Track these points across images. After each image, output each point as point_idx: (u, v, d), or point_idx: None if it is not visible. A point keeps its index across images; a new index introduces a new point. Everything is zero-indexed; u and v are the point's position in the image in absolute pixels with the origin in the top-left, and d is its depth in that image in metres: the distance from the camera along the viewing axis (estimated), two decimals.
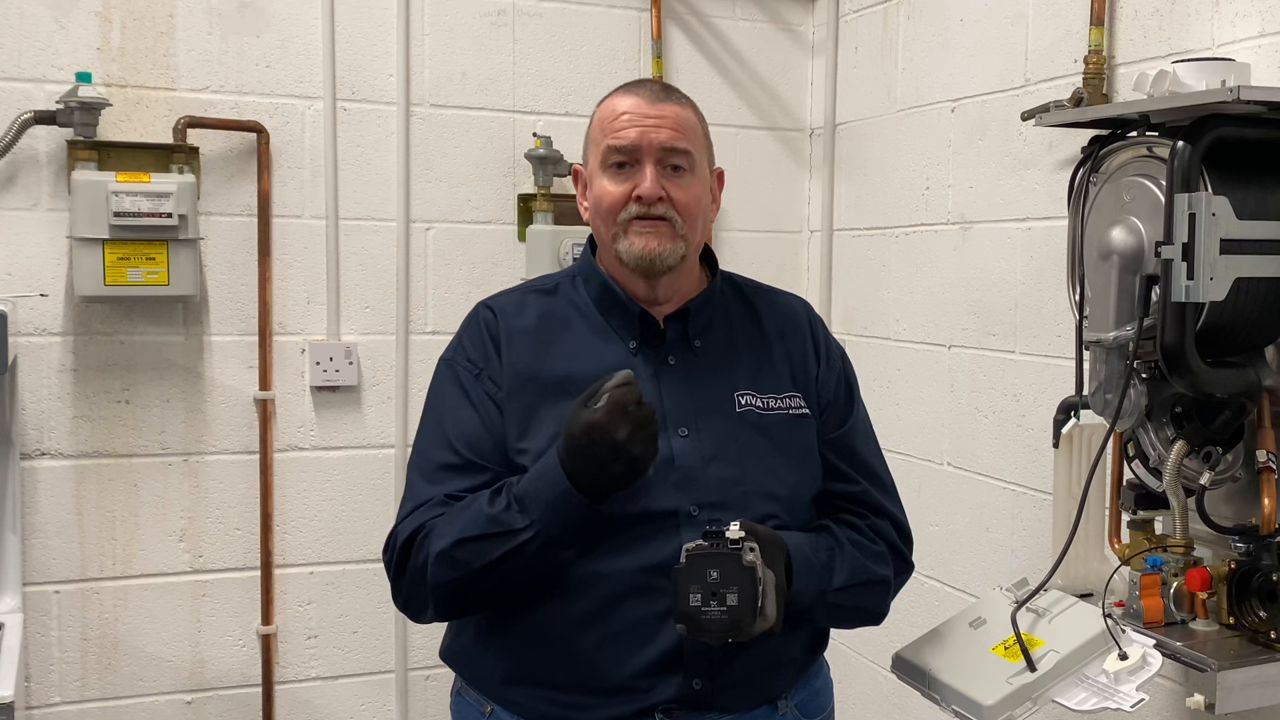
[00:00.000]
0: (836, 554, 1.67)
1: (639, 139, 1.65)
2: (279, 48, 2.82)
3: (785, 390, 1.73)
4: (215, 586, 2.84)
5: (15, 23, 2.61)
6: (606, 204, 1.67)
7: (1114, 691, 1.64)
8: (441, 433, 1.67)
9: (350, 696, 2.97)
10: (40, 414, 2.68)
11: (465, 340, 1.74)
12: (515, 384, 1.66)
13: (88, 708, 2.75)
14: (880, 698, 3.00)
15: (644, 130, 1.65)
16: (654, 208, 1.64)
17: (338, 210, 2.89)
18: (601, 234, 1.71)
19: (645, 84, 1.73)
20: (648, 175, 1.64)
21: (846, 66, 3.19)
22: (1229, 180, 1.74)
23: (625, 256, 1.66)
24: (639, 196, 1.64)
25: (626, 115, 1.66)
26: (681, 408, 1.65)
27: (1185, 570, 1.84)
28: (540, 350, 1.68)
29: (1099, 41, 2.25)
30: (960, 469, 2.75)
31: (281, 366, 2.86)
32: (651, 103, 1.67)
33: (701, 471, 1.62)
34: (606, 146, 1.67)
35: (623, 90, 1.71)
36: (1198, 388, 1.77)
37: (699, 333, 1.72)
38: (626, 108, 1.67)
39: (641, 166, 1.65)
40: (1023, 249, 2.54)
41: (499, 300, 1.77)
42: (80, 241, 2.57)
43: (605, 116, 1.69)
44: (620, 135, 1.65)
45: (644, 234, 1.65)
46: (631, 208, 1.65)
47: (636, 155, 1.65)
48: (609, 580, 1.57)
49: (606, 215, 1.68)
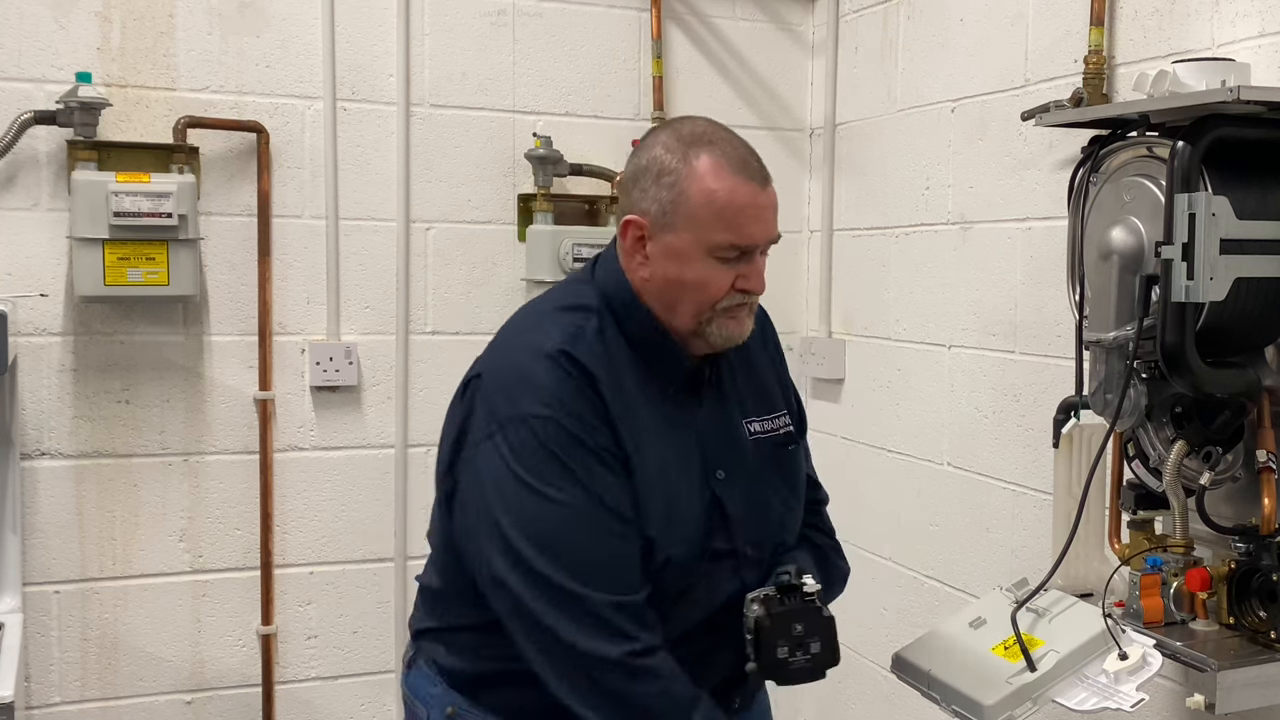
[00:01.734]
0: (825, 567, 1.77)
1: (762, 237, 1.60)
2: (279, 48, 2.82)
3: (776, 409, 1.75)
4: (215, 586, 2.84)
5: (15, 23, 2.61)
6: (709, 294, 1.59)
7: (1114, 691, 1.65)
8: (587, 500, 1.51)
9: (350, 696, 2.97)
10: (40, 414, 2.68)
11: (564, 396, 1.53)
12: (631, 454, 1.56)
13: (88, 708, 2.75)
14: (880, 698, 3.00)
15: (764, 228, 1.60)
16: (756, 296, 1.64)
17: (338, 210, 2.89)
18: (681, 313, 1.60)
19: (747, 158, 1.61)
20: (758, 269, 1.61)
21: (846, 66, 3.19)
22: (1229, 180, 1.74)
23: (717, 340, 1.62)
24: (745, 290, 1.60)
25: (750, 211, 1.58)
26: (715, 448, 1.66)
27: (1185, 570, 1.84)
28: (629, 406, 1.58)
29: (1099, 41, 2.25)
30: (960, 469, 2.75)
31: (281, 366, 2.86)
32: (763, 188, 1.60)
33: (745, 511, 1.66)
34: (726, 242, 1.57)
35: (727, 168, 1.58)
36: (1198, 388, 1.77)
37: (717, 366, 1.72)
38: (748, 198, 1.58)
39: (751, 258, 1.60)
40: (1023, 249, 2.54)
41: (581, 350, 1.57)
42: (80, 241, 2.57)
43: (724, 204, 1.57)
44: (745, 234, 1.58)
45: (736, 319, 1.62)
46: (735, 296, 1.60)
47: (750, 250, 1.60)
48: (679, 620, 1.60)
49: (703, 303, 1.59)
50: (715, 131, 1.63)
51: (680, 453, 1.62)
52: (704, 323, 1.61)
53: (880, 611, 2.90)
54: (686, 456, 1.63)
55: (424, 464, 2.98)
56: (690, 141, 1.59)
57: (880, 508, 2.97)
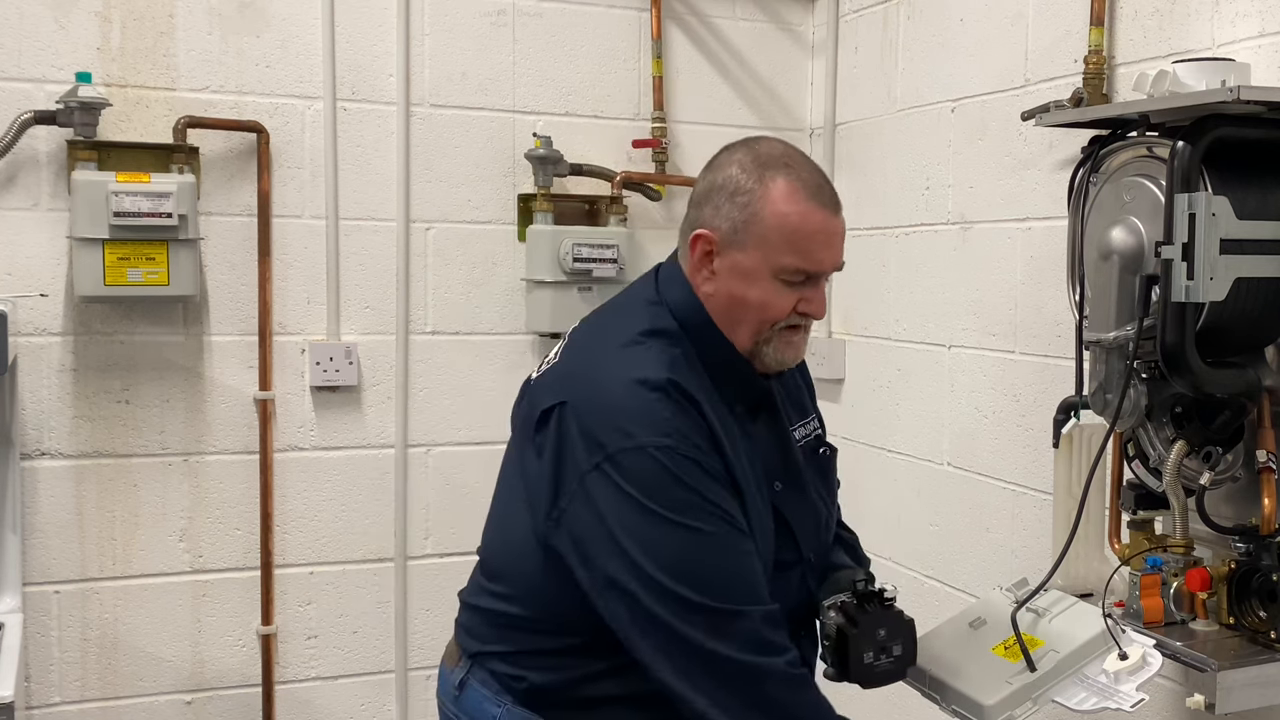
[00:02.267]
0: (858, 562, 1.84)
1: (830, 264, 1.62)
2: (279, 48, 2.82)
3: (808, 413, 1.80)
4: (215, 586, 2.84)
5: (15, 23, 2.61)
6: (770, 314, 1.61)
7: (1114, 691, 1.65)
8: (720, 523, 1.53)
9: (350, 696, 2.97)
10: (40, 414, 2.68)
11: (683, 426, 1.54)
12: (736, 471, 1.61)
13: (88, 708, 2.75)
14: (880, 698, 2.99)
15: (833, 254, 1.62)
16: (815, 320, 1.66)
17: (338, 210, 2.89)
18: (741, 330, 1.63)
19: (822, 185, 1.61)
20: (821, 294, 1.63)
21: (846, 66, 3.19)
22: (1229, 180, 1.74)
23: (770, 361, 1.65)
24: (807, 314, 1.63)
25: (821, 237, 1.60)
26: (771, 460, 1.69)
27: (1185, 570, 1.84)
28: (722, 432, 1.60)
29: (1099, 41, 2.25)
30: (960, 469, 2.75)
31: (281, 366, 2.86)
32: (835, 214, 1.61)
33: (804, 519, 1.69)
34: (794, 266, 1.59)
35: (802, 193, 1.58)
36: (1198, 388, 1.77)
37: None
38: (820, 224, 1.59)
39: (816, 283, 1.62)
40: (1023, 249, 2.54)
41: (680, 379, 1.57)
42: (80, 241, 2.57)
43: (794, 228, 1.58)
44: (814, 259, 1.59)
45: (792, 343, 1.65)
46: (793, 318, 1.63)
47: (816, 275, 1.62)
48: None
49: (763, 323, 1.62)
50: (792, 155, 1.63)
51: (751, 468, 1.65)
52: (761, 343, 1.63)
53: None
54: (754, 471, 1.65)
55: (424, 464, 2.98)
56: (767, 163, 1.61)
57: (880, 508, 2.96)
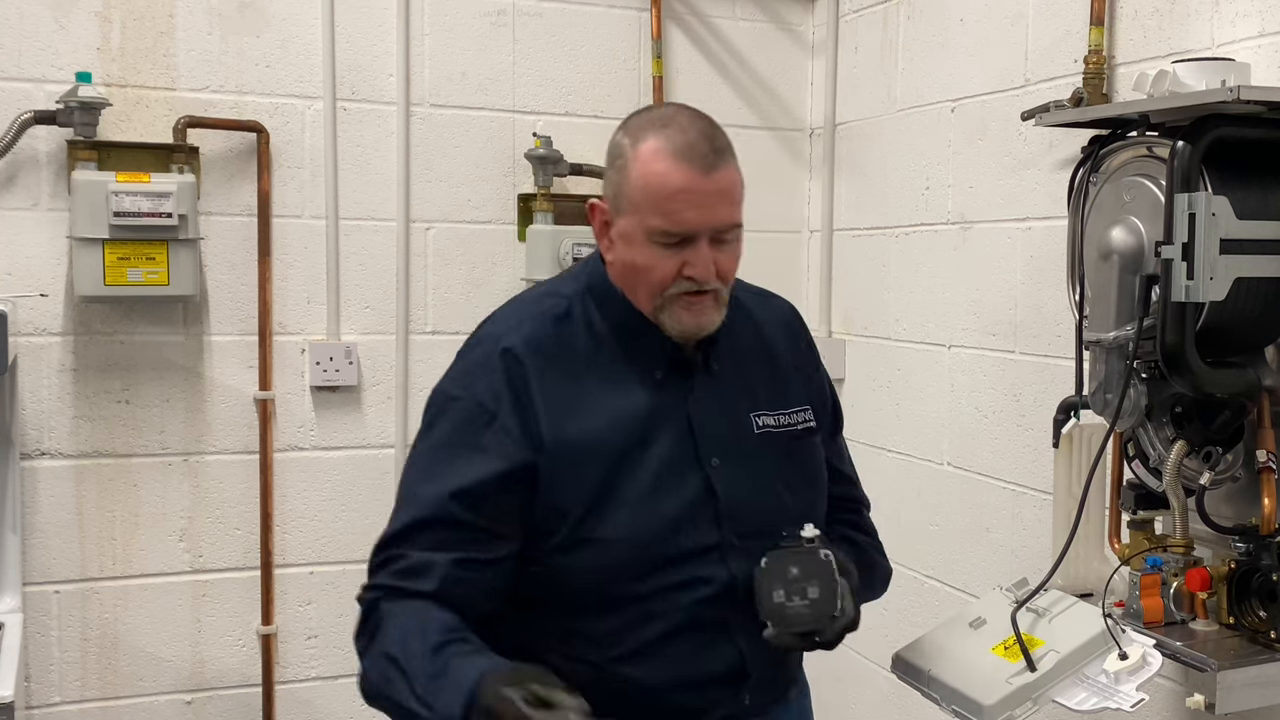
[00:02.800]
0: (861, 561, 1.72)
1: (698, 225, 1.52)
2: (279, 48, 2.82)
3: (794, 404, 1.70)
4: (215, 586, 2.84)
5: (15, 23, 2.61)
6: (655, 279, 1.55)
7: (1114, 691, 1.65)
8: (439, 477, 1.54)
9: (350, 696, 2.93)
10: (40, 414, 2.68)
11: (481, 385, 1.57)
12: (558, 447, 1.54)
13: (88, 708, 2.75)
14: (880, 698, 3.00)
15: (702, 214, 1.52)
16: (707, 284, 1.55)
17: (338, 210, 2.89)
18: (638, 297, 1.59)
19: (689, 139, 1.53)
20: (704, 256, 1.53)
21: (846, 66, 3.19)
22: (1229, 180, 1.74)
23: (670, 330, 1.58)
24: (691, 277, 1.54)
25: (683, 196, 1.51)
26: (711, 436, 1.62)
27: (1185, 570, 1.84)
28: (573, 398, 1.57)
29: (1099, 41, 2.25)
30: (960, 469, 2.75)
31: (281, 366, 2.86)
32: (706, 173, 1.51)
33: (739, 501, 1.60)
34: (658, 227, 1.52)
35: (669, 151, 1.52)
36: (1198, 388, 1.77)
37: (717, 353, 1.67)
38: (681, 183, 1.51)
39: (696, 245, 1.53)
40: (1023, 249, 2.54)
41: (518, 339, 1.59)
42: (80, 241, 2.57)
43: (655, 189, 1.52)
44: (677, 219, 1.51)
45: (691, 308, 1.56)
46: (682, 283, 1.55)
47: (692, 236, 1.53)
48: (661, 618, 1.57)
49: (654, 287, 1.56)
50: (673, 116, 1.56)
51: (662, 438, 1.59)
52: (658, 309, 1.58)
53: (880, 611, 2.88)
54: (672, 443, 1.60)
55: None
56: (644, 125, 1.56)
57: (880, 508, 2.94)
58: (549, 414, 1.55)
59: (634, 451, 1.58)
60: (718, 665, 1.60)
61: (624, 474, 1.57)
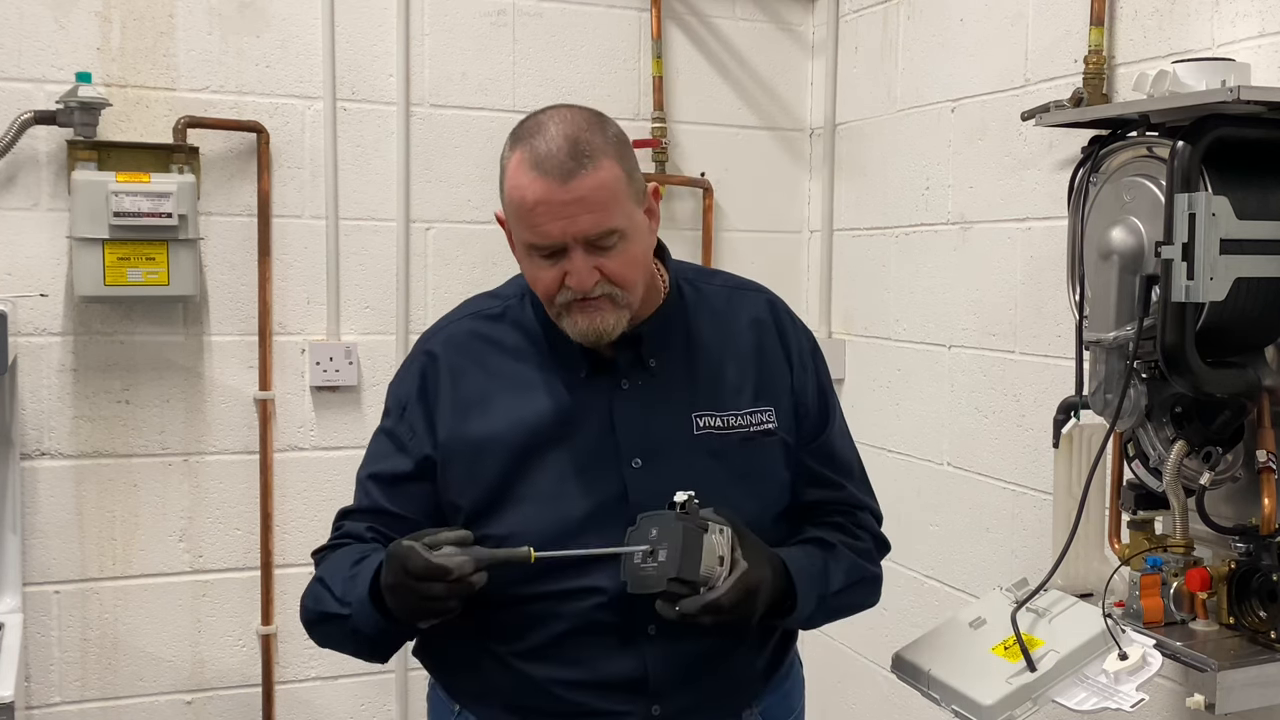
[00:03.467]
0: (830, 560, 1.66)
1: (561, 236, 1.50)
2: (279, 48, 2.82)
3: (748, 405, 1.64)
4: (215, 586, 2.84)
5: (15, 23, 2.61)
6: (541, 289, 1.56)
7: (1114, 691, 1.65)
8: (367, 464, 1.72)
9: (350, 696, 2.97)
10: (40, 414, 2.68)
11: (404, 384, 1.68)
12: (453, 444, 1.61)
13: (88, 708, 2.75)
14: (880, 698, 3.00)
15: (564, 224, 1.49)
16: (589, 291, 1.52)
17: (338, 210, 2.89)
18: (541, 304, 1.60)
19: (548, 148, 1.49)
20: (577, 266, 1.51)
21: (846, 66, 3.19)
22: (1229, 180, 1.74)
23: (572, 335, 1.56)
24: (570, 286, 1.52)
25: (541, 209, 1.49)
26: (636, 437, 1.59)
27: (1185, 570, 1.84)
28: (483, 398, 1.62)
29: (1099, 41, 2.25)
30: (960, 469, 2.75)
31: (281, 366, 2.86)
32: (563, 183, 1.47)
33: (654, 505, 1.52)
34: (527, 241, 1.53)
35: (527, 164, 1.50)
36: (1198, 388, 1.77)
37: (654, 351, 1.63)
38: (538, 196, 1.48)
39: (570, 255, 1.51)
40: (1023, 249, 2.54)
41: (441, 339, 1.69)
42: (80, 241, 2.57)
43: (517, 203, 1.52)
44: (540, 233, 1.50)
45: (586, 313, 1.54)
46: (567, 293, 1.53)
47: (561, 247, 1.51)
48: (564, 617, 1.56)
49: (544, 297, 1.57)
50: (547, 123, 1.52)
51: (579, 439, 1.58)
52: (557, 317, 1.58)
53: (880, 611, 2.88)
54: (590, 443, 1.59)
55: None
56: (518, 135, 1.55)
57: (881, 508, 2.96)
58: (453, 412, 1.62)
59: (541, 451, 1.58)
60: (618, 671, 1.57)
61: (524, 474, 1.58)
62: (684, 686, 1.59)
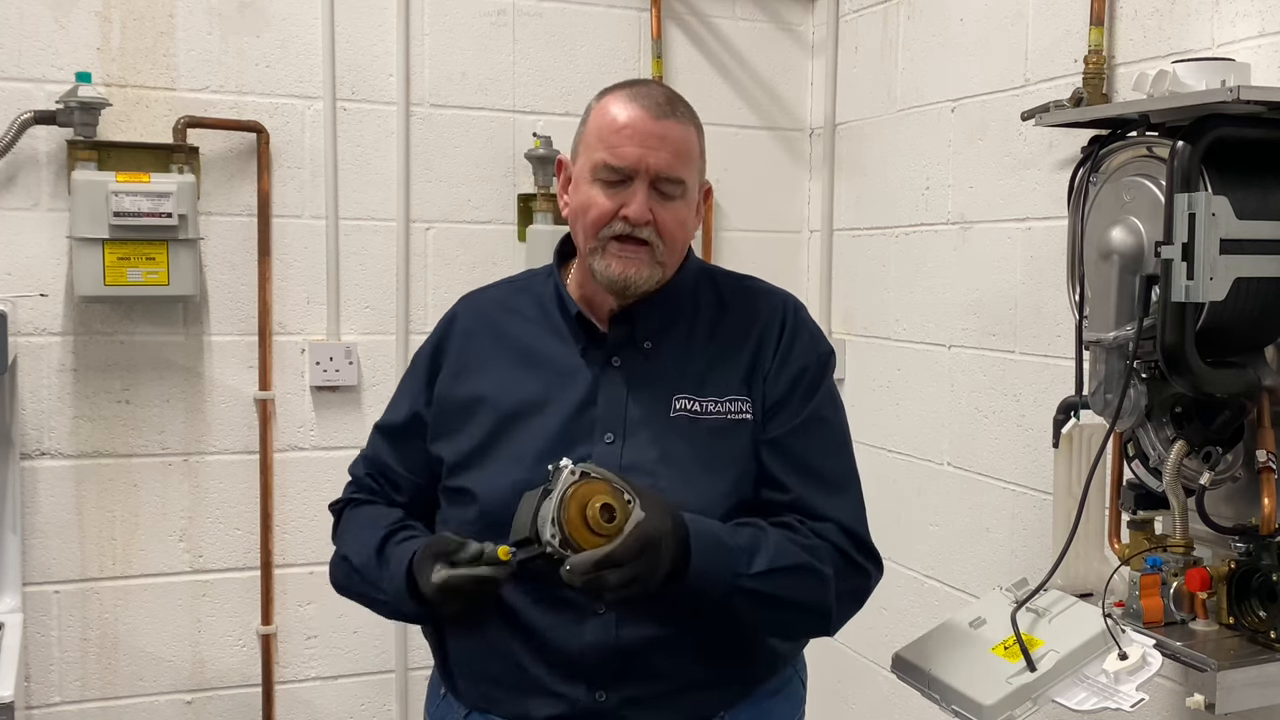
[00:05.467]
0: (760, 539, 1.55)
1: (637, 162, 1.57)
2: (279, 48, 2.82)
3: (731, 393, 1.64)
4: (215, 586, 2.84)
5: (15, 23, 2.61)
6: (592, 216, 1.60)
7: (1114, 691, 1.65)
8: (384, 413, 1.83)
9: (350, 696, 2.97)
10: (40, 414, 2.68)
11: (427, 340, 1.80)
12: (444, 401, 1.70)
13: (88, 708, 2.75)
14: (880, 698, 3.00)
15: (643, 153, 1.57)
16: (639, 230, 1.58)
17: (338, 210, 2.89)
18: (579, 241, 1.65)
19: (649, 91, 1.62)
20: (639, 198, 1.57)
21: (846, 66, 3.19)
22: (1229, 180, 1.74)
23: (599, 276, 1.61)
24: (625, 216, 1.57)
25: (628, 130, 1.57)
26: (613, 413, 1.62)
27: (1185, 570, 1.84)
28: (486, 359, 1.70)
29: (1099, 41, 2.26)
30: (960, 469, 2.75)
31: (281, 366, 2.86)
32: (656, 118, 1.58)
33: None
34: (601, 161, 1.59)
35: (625, 95, 1.61)
36: (1198, 388, 1.77)
37: (650, 333, 1.66)
38: (628, 120, 1.58)
39: (633, 186, 1.58)
40: (1023, 249, 2.54)
41: (467, 303, 1.81)
42: (80, 241, 2.57)
43: (604, 125, 1.60)
44: (619, 153, 1.57)
45: (622, 257, 1.59)
46: (616, 225, 1.58)
47: (631, 175, 1.58)
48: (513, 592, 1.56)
49: (590, 226, 1.61)
50: (645, 82, 1.70)
51: (563, 409, 1.62)
52: (591, 253, 1.61)
53: (880, 611, 2.90)
54: (571, 414, 1.62)
55: None
56: (615, 87, 1.66)
57: (880, 508, 2.95)
58: (454, 371, 1.71)
59: (525, 416, 1.63)
60: (567, 647, 1.56)
61: (507, 434, 1.63)
62: (628, 676, 1.56)
